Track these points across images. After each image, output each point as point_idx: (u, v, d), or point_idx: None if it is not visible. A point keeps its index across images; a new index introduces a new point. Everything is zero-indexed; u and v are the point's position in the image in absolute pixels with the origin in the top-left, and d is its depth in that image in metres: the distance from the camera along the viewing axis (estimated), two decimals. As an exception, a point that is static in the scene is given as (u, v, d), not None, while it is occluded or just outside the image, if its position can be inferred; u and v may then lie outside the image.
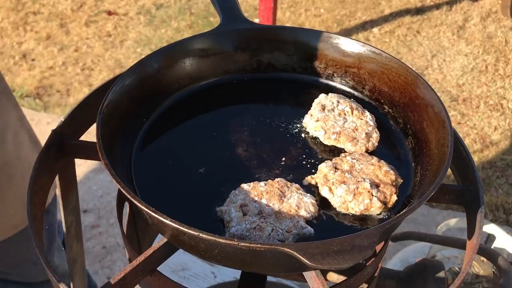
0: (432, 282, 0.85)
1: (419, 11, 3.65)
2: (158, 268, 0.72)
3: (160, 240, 0.70)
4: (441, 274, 0.86)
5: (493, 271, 1.37)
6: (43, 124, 2.76)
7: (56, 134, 0.81)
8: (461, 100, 2.93)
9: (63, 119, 0.82)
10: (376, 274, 0.80)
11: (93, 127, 0.78)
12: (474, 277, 1.40)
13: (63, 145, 0.82)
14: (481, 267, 1.38)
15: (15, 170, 1.13)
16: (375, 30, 3.47)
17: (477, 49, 3.29)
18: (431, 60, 3.19)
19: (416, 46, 3.31)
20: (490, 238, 1.55)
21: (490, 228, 1.66)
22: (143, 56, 0.87)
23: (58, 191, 0.87)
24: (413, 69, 0.83)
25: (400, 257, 1.75)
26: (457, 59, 3.21)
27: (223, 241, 0.59)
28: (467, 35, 3.42)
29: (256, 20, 3.36)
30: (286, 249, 0.57)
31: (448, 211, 2.34)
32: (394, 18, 3.59)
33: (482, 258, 1.33)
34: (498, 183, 2.47)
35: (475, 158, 2.59)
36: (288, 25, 3.47)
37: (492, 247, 1.53)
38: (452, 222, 1.69)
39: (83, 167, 2.45)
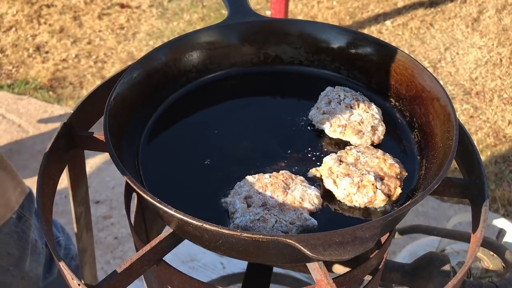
0: (437, 275, 0.85)
1: (433, 3, 3.61)
2: (166, 259, 0.74)
3: (166, 231, 0.71)
4: (447, 267, 0.87)
5: (503, 266, 1.36)
6: (56, 116, 2.80)
7: (66, 126, 0.82)
8: (474, 93, 2.90)
9: (72, 111, 0.84)
10: (380, 267, 0.80)
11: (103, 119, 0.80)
12: (483, 271, 1.40)
13: (72, 137, 0.84)
14: (490, 261, 1.38)
15: None
16: (388, 22, 3.44)
17: (491, 41, 3.24)
18: (444, 53, 3.15)
19: (429, 39, 3.28)
20: (502, 232, 1.54)
21: (502, 222, 1.65)
22: (153, 49, 0.87)
23: (67, 182, 0.88)
24: (426, 62, 0.83)
25: (410, 250, 1.75)
26: (470, 52, 3.17)
27: (226, 231, 0.60)
28: (482, 27, 3.38)
29: (268, 13, 3.35)
30: (288, 240, 0.58)
31: (459, 205, 2.33)
32: (407, 10, 3.55)
33: (492, 252, 1.33)
34: (511, 177, 2.45)
35: (488, 152, 2.57)
36: (300, 17, 3.46)
37: (503, 241, 1.52)
38: (463, 216, 1.69)
39: (96, 158, 2.48)
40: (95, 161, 2.48)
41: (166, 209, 0.62)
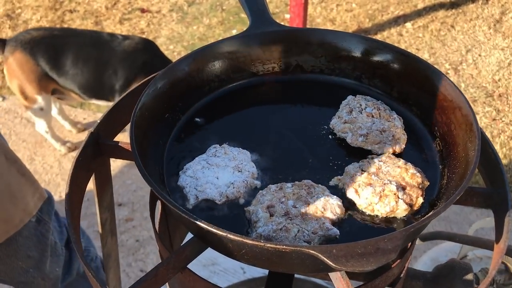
0: (459, 285, 0.85)
1: (454, 4, 3.57)
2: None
3: (190, 239, 0.73)
4: (469, 276, 0.86)
5: (527, 272, 1.35)
6: (79, 120, 2.85)
7: (93, 135, 0.85)
8: (497, 95, 2.86)
9: (99, 121, 0.86)
10: (402, 275, 0.81)
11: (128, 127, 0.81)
12: (507, 278, 1.38)
13: (99, 146, 0.86)
14: (514, 268, 1.36)
15: None
16: (408, 25, 3.42)
17: (514, 43, 3.20)
18: (466, 55, 3.12)
19: (450, 41, 3.25)
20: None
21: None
22: (175, 53, 0.89)
23: (93, 189, 0.91)
24: (447, 64, 0.83)
25: (431, 256, 1.73)
26: (493, 53, 3.13)
27: (250, 242, 0.61)
28: (504, 28, 3.33)
29: (287, 16, 3.35)
30: (311, 251, 0.58)
31: (481, 210, 2.30)
32: (428, 12, 3.52)
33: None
34: (534, 182, 2.41)
35: (511, 156, 2.53)
36: (319, 20, 3.46)
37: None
38: (485, 221, 1.67)
39: (118, 162, 2.51)
40: (117, 164, 2.52)
41: (191, 219, 0.63)
